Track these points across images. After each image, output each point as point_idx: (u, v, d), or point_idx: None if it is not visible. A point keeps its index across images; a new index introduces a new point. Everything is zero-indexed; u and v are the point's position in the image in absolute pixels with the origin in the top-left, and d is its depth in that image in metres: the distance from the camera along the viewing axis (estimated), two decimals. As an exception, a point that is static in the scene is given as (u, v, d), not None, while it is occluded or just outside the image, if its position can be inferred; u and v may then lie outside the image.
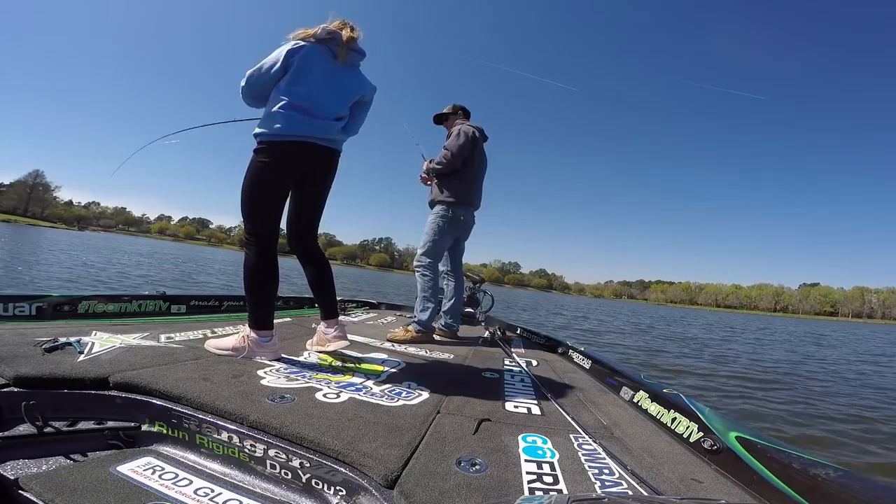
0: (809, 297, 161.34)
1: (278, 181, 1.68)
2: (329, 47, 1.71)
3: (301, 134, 1.64)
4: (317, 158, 1.72)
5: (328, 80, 1.70)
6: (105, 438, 1.08)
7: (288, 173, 1.68)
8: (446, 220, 2.85)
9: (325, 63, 1.69)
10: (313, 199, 1.86)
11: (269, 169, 1.64)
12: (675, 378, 5.39)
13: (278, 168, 1.65)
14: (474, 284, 5.25)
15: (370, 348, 2.22)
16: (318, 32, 1.69)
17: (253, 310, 1.68)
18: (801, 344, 13.87)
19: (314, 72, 1.66)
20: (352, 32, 1.75)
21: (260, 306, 1.69)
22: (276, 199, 1.70)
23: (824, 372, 7.27)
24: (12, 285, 7.10)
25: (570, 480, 0.95)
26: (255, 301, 1.69)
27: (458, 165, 2.83)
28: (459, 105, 3.09)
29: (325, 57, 1.70)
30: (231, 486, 0.96)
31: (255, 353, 1.65)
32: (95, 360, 1.33)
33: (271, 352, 1.68)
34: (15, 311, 1.96)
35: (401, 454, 0.97)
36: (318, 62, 1.67)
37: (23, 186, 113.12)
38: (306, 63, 1.65)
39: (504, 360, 2.33)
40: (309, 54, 1.65)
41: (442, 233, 2.85)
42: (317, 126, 1.66)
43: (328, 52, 1.71)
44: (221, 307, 2.92)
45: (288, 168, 1.67)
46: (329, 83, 1.70)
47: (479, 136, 2.96)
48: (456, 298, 3.02)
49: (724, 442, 1.13)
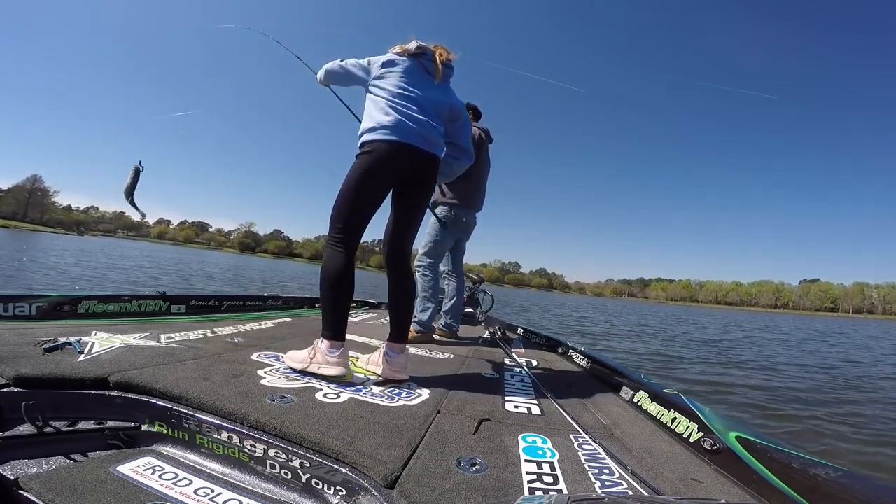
0: (810, 293, 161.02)
1: (378, 183, 1.66)
2: (421, 62, 1.77)
3: (404, 139, 1.64)
4: (418, 162, 1.70)
5: (422, 91, 1.74)
6: (105, 438, 1.08)
7: (390, 176, 1.67)
8: (448, 221, 2.85)
9: (417, 75, 1.76)
10: (412, 207, 1.81)
11: (372, 168, 1.63)
12: (724, 395, 4.41)
13: (380, 169, 1.64)
14: (474, 285, 5.25)
15: (370, 348, 2.22)
16: (410, 48, 1.77)
17: (327, 317, 1.58)
18: (832, 344, 12.47)
19: (410, 81, 1.72)
20: (447, 53, 1.84)
21: (333, 314, 1.59)
22: (372, 202, 1.67)
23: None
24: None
25: (570, 480, 0.95)
26: (330, 308, 1.59)
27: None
28: (472, 105, 3.04)
29: (418, 70, 1.77)
30: (231, 486, 0.96)
31: (321, 364, 1.53)
32: (95, 360, 1.33)
33: (338, 367, 1.52)
34: (15, 311, 1.96)
35: (401, 454, 0.97)
36: (412, 74, 1.74)
37: (21, 191, 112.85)
38: (403, 72, 1.72)
39: (504, 360, 2.33)
40: (405, 65, 1.74)
41: (443, 234, 2.86)
42: (418, 132, 1.67)
43: (420, 66, 1.78)
44: (221, 307, 2.92)
45: (390, 170, 1.66)
46: (423, 94, 1.74)
47: (485, 138, 2.97)
48: (457, 298, 3.03)
49: (724, 442, 1.13)
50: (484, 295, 5.43)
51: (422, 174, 1.73)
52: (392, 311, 1.80)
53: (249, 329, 2.31)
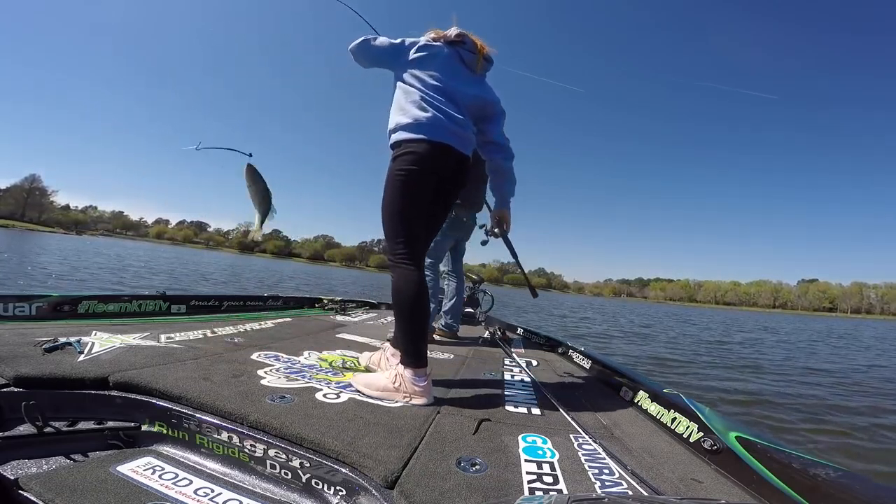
0: (808, 293, 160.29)
1: (428, 186, 1.52)
2: (458, 51, 1.62)
3: (443, 139, 1.52)
4: (455, 163, 1.57)
5: (459, 85, 1.60)
6: (105, 438, 1.08)
7: (433, 178, 1.53)
8: (448, 222, 2.84)
9: (454, 66, 1.61)
10: (441, 210, 1.67)
11: (418, 171, 1.48)
12: (757, 408, 3.95)
13: (428, 171, 1.50)
14: (474, 285, 5.25)
15: (370, 348, 2.22)
16: (449, 34, 1.62)
17: (408, 342, 1.45)
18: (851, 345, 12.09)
19: (448, 73, 1.58)
20: (486, 45, 1.69)
21: (416, 338, 1.45)
22: (426, 207, 1.55)
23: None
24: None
25: (570, 480, 0.95)
26: (411, 332, 1.46)
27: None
28: None
29: (455, 61, 1.62)
30: (231, 486, 0.96)
31: (410, 395, 1.39)
32: (95, 360, 1.33)
33: (424, 394, 1.40)
34: (15, 311, 1.96)
35: (401, 454, 0.97)
36: (449, 64, 1.59)
37: (19, 191, 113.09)
38: (439, 62, 1.57)
39: (504, 360, 2.33)
40: (442, 54, 1.59)
41: (443, 234, 2.85)
42: (455, 131, 1.54)
43: (458, 56, 1.63)
44: (221, 307, 2.92)
45: (435, 171, 1.52)
46: (461, 88, 1.60)
47: None
48: (456, 298, 3.03)
49: (724, 442, 1.13)
50: (484, 295, 5.43)
51: (455, 176, 1.61)
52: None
53: (249, 329, 2.31)
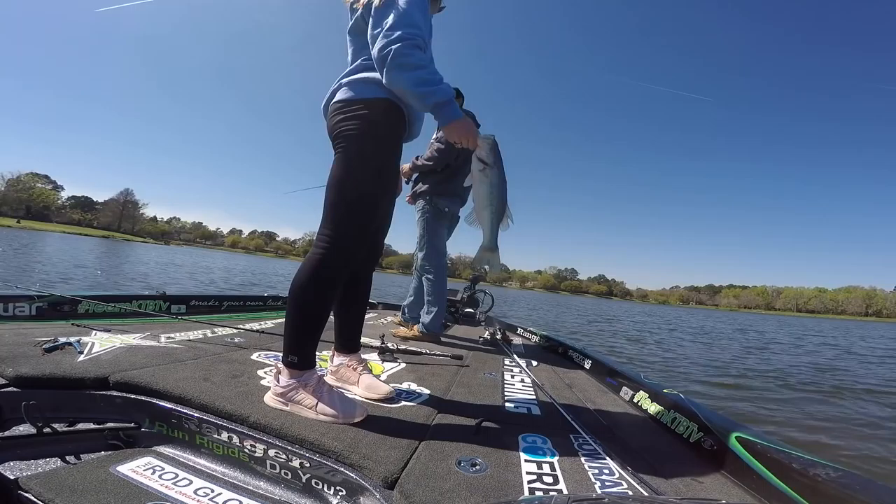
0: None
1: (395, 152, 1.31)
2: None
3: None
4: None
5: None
6: (105, 438, 1.08)
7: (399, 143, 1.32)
8: (431, 213, 2.80)
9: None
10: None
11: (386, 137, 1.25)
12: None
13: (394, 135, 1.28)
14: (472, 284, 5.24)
15: (370, 349, 2.22)
16: None
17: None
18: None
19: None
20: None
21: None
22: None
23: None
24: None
25: (570, 480, 0.95)
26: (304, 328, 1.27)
27: (451, 160, 2.75)
28: (454, 87, 2.98)
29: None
30: (231, 486, 0.97)
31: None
32: (95, 360, 1.33)
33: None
34: (15, 311, 1.96)
35: (401, 455, 0.97)
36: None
37: (116, 204, 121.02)
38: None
39: (504, 361, 2.33)
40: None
41: (432, 228, 2.81)
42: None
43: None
44: (221, 307, 2.92)
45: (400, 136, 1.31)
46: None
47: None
48: (436, 296, 2.96)
49: (724, 442, 1.13)
50: (484, 295, 5.43)
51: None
52: (345, 317, 1.51)
53: (249, 329, 2.31)
